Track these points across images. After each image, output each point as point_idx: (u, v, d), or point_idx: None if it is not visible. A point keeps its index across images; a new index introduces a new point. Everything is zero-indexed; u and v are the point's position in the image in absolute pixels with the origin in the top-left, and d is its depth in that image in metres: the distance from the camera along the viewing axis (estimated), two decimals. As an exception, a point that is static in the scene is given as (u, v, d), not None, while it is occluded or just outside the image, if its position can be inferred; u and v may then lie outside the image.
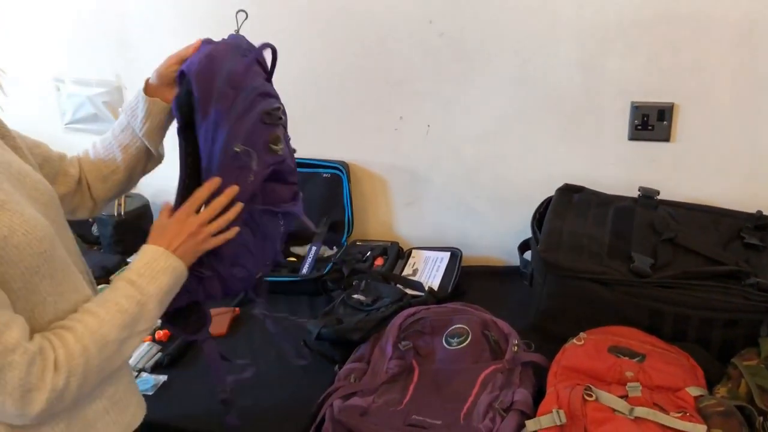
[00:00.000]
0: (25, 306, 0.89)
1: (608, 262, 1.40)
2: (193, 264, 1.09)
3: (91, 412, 0.99)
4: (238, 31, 1.19)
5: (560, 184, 1.67)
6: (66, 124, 2.12)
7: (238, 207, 1.11)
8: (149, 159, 1.22)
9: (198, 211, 1.10)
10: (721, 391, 1.21)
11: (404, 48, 1.74)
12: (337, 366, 1.40)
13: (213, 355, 1.21)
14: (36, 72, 2.09)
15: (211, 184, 1.09)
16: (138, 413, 1.11)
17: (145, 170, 1.24)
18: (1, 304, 0.85)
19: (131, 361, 1.47)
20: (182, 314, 1.17)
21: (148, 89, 1.16)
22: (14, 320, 0.85)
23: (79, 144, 2.18)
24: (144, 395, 1.36)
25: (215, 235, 1.10)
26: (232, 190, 1.10)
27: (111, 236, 1.92)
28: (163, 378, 1.44)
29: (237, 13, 1.17)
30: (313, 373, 1.41)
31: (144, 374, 1.45)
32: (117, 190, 1.23)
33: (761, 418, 1.11)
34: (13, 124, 1.05)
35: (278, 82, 1.85)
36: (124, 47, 1.99)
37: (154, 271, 1.01)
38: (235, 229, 1.11)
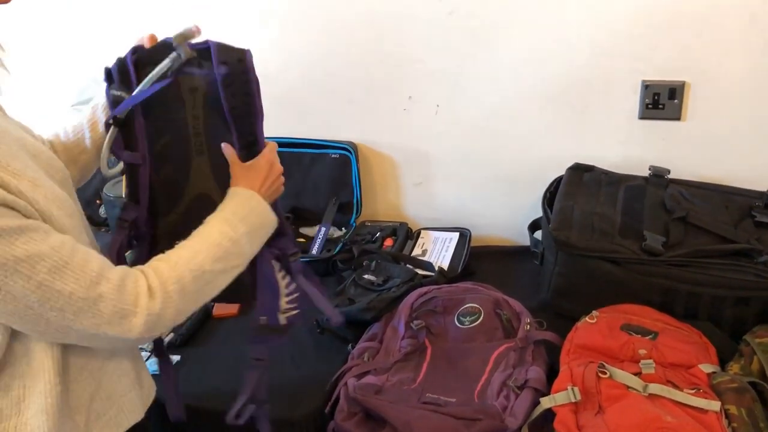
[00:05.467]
0: None
1: (620, 240, 1.40)
2: None
3: (119, 387, 1.01)
4: None
5: (570, 164, 1.67)
6: (72, 105, 2.11)
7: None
8: None
9: None
10: (734, 368, 1.22)
11: (414, 27, 1.73)
12: (350, 345, 1.41)
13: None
14: (41, 53, 2.08)
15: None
16: (151, 390, 1.14)
17: None
18: (72, 242, 0.86)
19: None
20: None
21: None
22: (90, 253, 0.88)
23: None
24: (158, 375, 1.38)
25: None
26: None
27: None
28: (176, 358, 1.44)
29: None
30: (326, 352, 1.42)
31: (157, 354, 1.46)
32: (86, 171, 1.21)
33: (774, 394, 1.12)
34: (19, 107, 1.04)
35: (287, 62, 1.86)
36: (130, 26, 1.97)
37: (245, 211, 1.04)
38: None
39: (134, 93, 1.08)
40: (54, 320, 0.84)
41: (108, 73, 1.11)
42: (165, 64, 1.07)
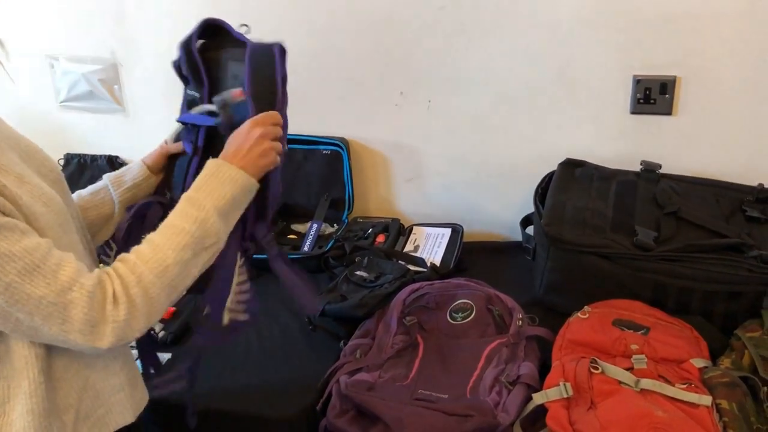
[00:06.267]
0: None
1: (612, 235, 1.40)
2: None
3: (107, 386, 0.99)
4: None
5: (562, 159, 1.67)
6: (61, 102, 2.09)
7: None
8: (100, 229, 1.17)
9: None
10: (725, 362, 1.22)
11: (405, 22, 1.72)
12: (342, 342, 1.40)
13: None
14: (29, 49, 2.05)
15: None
16: (144, 393, 1.12)
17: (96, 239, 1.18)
18: (48, 246, 0.85)
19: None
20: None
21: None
22: (65, 259, 0.86)
23: (74, 122, 2.16)
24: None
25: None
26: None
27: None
28: (166, 356, 1.43)
29: (240, 26, 1.17)
30: (318, 349, 1.42)
31: (148, 352, 1.45)
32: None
33: (765, 388, 1.12)
34: (7, 103, 1.04)
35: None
36: (119, 23, 1.96)
37: (213, 184, 0.99)
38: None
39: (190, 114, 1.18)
40: (24, 320, 0.83)
41: (180, 73, 1.19)
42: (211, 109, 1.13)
